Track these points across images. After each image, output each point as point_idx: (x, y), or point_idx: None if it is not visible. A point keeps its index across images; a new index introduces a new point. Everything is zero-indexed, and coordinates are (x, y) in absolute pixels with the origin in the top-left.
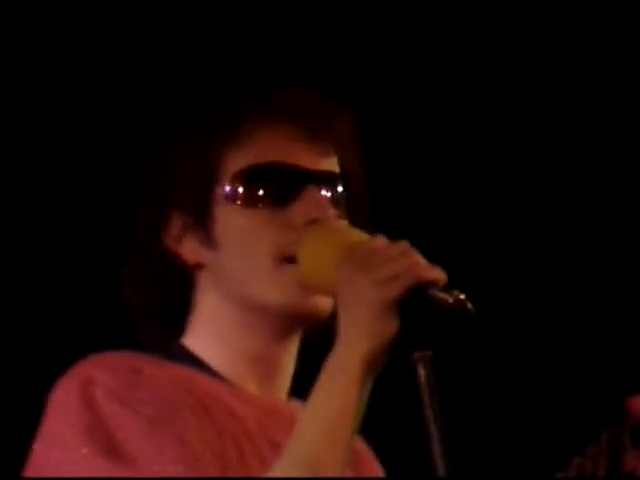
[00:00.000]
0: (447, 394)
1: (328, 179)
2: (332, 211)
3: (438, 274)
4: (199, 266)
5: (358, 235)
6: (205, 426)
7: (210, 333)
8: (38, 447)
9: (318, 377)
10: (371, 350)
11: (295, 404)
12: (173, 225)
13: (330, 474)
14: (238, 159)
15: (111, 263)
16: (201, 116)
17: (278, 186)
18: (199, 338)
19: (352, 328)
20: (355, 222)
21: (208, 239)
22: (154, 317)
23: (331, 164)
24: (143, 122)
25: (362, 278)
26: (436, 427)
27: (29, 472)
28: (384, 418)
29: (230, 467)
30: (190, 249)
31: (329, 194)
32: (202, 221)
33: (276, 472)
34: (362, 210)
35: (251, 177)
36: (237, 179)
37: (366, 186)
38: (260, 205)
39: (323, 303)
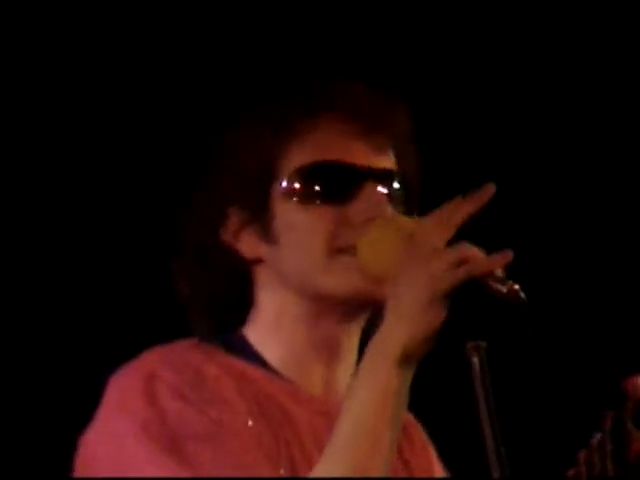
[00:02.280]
0: (500, 384)
1: (386, 176)
2: (390, 209)
3: (493, 265)
4: (257, 261)
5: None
6: (262, 433)
7: (272, 327)
8: (91, 437)
9: (362, 359)
10: (413, 337)
11: None
12: (231, 220)
13: (376, 460)
14: (298, 155)
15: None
16: (258, 111)
17: (337, 183)
18: (261, 332)
19: (399, 312)
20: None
21: (266, 234)
22: (211, 311)
23: (388, 161)
24: (193, 117)
25: (416, 267)
26: (488, 416)
27: (79, 462)
28: (438, 406)
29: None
30: (248, 244)
31: (386, 191)
32: (261, 216)
33: (320, 461)
34: (415, 206)
35: (311, 174)
36: (297, 175)
37: (419, 182)
38: (319, 201)
39: (384, 289)
